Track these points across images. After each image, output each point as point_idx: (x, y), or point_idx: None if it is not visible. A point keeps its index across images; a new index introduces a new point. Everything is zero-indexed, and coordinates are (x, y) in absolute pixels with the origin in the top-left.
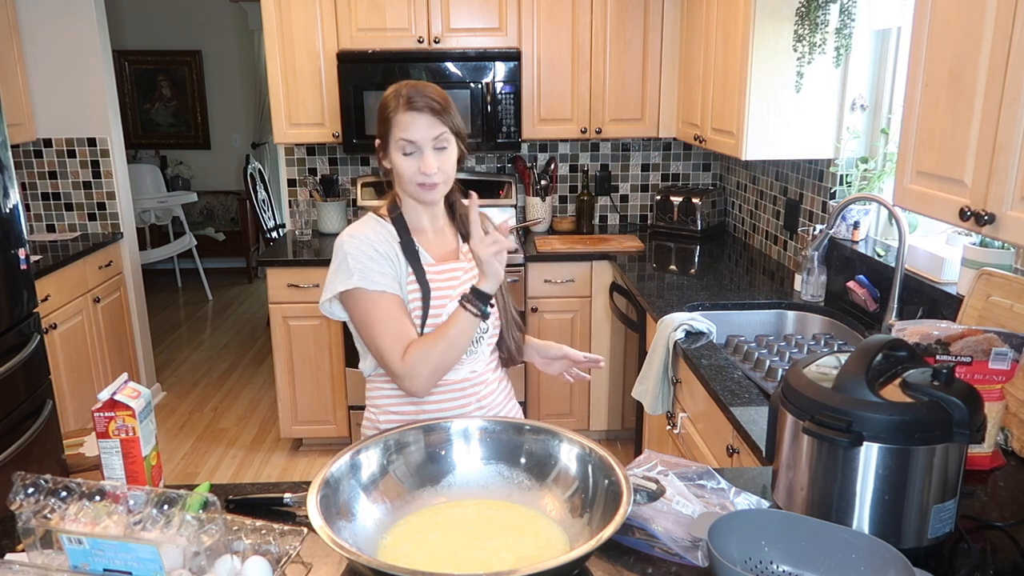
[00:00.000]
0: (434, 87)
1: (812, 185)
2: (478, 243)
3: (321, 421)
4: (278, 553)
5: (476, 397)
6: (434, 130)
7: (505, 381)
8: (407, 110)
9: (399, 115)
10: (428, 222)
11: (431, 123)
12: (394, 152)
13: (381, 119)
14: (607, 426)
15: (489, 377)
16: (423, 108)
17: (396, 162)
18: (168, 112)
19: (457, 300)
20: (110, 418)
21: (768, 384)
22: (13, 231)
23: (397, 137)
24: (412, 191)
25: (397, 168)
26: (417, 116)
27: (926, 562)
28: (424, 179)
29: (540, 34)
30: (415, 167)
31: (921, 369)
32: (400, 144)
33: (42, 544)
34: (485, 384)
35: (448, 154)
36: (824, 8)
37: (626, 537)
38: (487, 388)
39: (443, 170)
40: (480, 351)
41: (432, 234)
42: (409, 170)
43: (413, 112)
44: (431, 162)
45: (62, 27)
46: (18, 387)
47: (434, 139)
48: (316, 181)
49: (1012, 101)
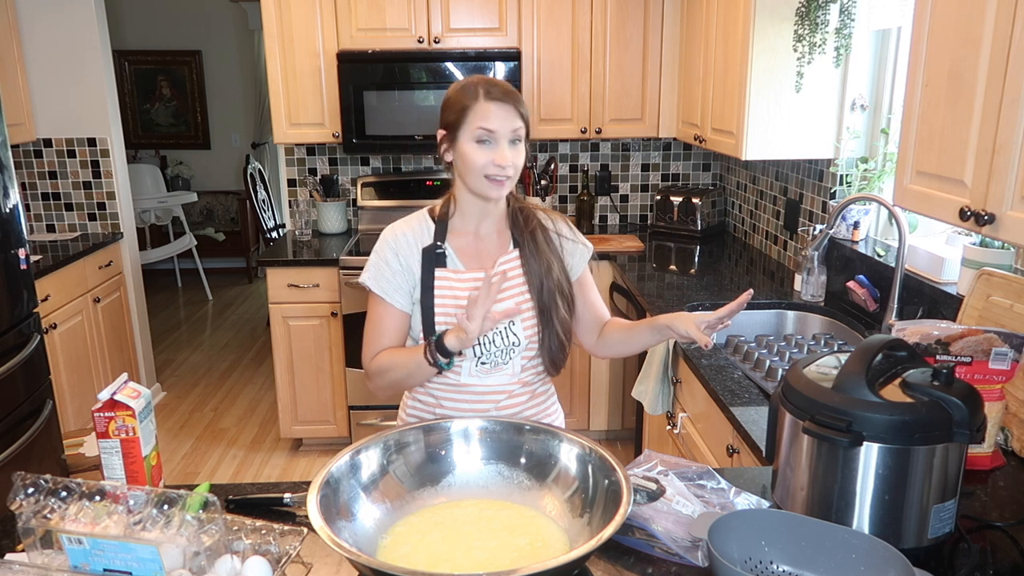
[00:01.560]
0: (505, 83)
1: (812, 185)
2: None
3: (321, 421)
4: (278, 553)
5: (496, 406)
6: (513, 122)
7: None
8: (488, 99)
9: (479, 103)
10: (480, 225)
11: (511, 114)
12: (466, 142)
13: (454, 109)
14: (607, 426)
15: (516, 389)
16: (504, 98)
17: (467, 152)
18: (168, 112)
19: None
20: (110, 418)
21: (768, 384)
22: (13, 231)
23: (475, 126)
24: (479, 185)
25: (468, 158)
26: (498, 106)
27: (926, 562)
28: (497, 171)
29: (540, 34)
30: (489, 157)
31: (921, 369)
32: (477, 133)
33: (42, 544)
34: (509, 395)
35: (520, 150)
36: (824, 8)
37: (626, 537)
38: (510, 400)
39: (515, 165)
40: (510, 365)
41: (476, 239)
42: (482, 160)
43: (494, 102)
44: (507, 153)
45: (62, 27)
46: (18, 387)
47: (512, 131)
48: (316, 181)
49: (1012, 101)
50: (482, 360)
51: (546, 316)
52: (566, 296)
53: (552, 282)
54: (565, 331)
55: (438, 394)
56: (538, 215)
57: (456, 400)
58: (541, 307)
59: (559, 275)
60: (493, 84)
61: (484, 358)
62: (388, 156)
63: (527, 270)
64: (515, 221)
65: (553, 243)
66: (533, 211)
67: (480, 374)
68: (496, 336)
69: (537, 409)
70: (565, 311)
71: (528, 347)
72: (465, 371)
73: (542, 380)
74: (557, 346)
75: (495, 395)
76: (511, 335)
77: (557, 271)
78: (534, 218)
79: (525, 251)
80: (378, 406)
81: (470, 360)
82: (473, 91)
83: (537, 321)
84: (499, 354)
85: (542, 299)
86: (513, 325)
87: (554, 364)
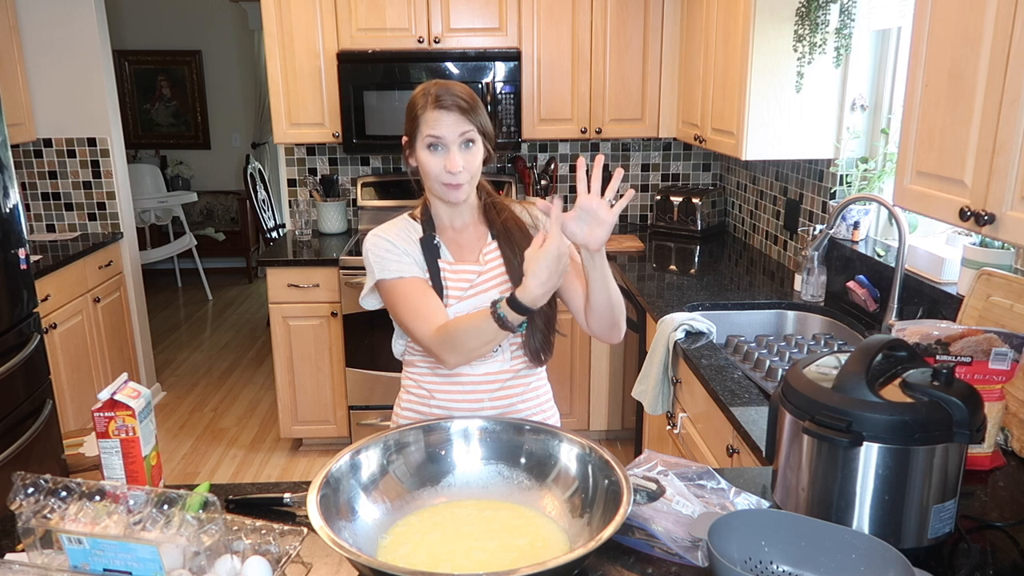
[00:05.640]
0: (462, 86)
1: (812, 185)
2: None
3: (321, 421)
4: (278, 553)
5: (489, 396)
6: (460, 127)
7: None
8: (435, 108)
9: (427, 113)
10: (453, 220)
11: (458, 120)
12: (420, 149)
13: (409, 117)
14: (607, 426)
15: (509, 379)
16: (451, 106)
17: (422, 159)
18: (168, 112)
19: (463, 302)
20: (110, 418)
21: (768, 384)
22: (13, 231)
23: (425, 133)
24: (438, 190)
25: (423, 165)
26: (444, 114)
27: (926, 562)
28: (449, 178)
29: (540, 34)
30: (441, 165)
31: (921, 369)
32: (427, 140)
33: (42, 544)
34: (501, 385)
35: (474, 152)
36: (824, 8)
37: (626, 537)
38: (503, 390)
39: (468, 169)
40: (500, 353)
41: (455, 233)
42: (435, 168)
43: (441, 110)
44: (456, 160)
45: (62, 27)
46: (18, 387)
47: (460, 135)
48: (316, 181)
49: (1012, 101)
50: None
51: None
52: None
53: None
54: (547, 322)
55: (430, 387)
56: (512, 207)
57: (448, 392)
58: None
59: None
60: (446, 90)
61: None
62: (388, 156)
63: (506, 261)
64: (488, 215)
65: (529, 237)
66: (505, 204)
67: (471, 363)
68: None
69: (530, 403)
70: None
71: (516, 335)
72: None
73: (537, 376)
74: (540, 338)
75: (487, 384)
76: None
77: None
78: (506, 210)
79: (501, 244)
80: (378, 406)
81: None
82: (423, 100)
83: None
84: None
85: None
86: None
87: (535, 356)
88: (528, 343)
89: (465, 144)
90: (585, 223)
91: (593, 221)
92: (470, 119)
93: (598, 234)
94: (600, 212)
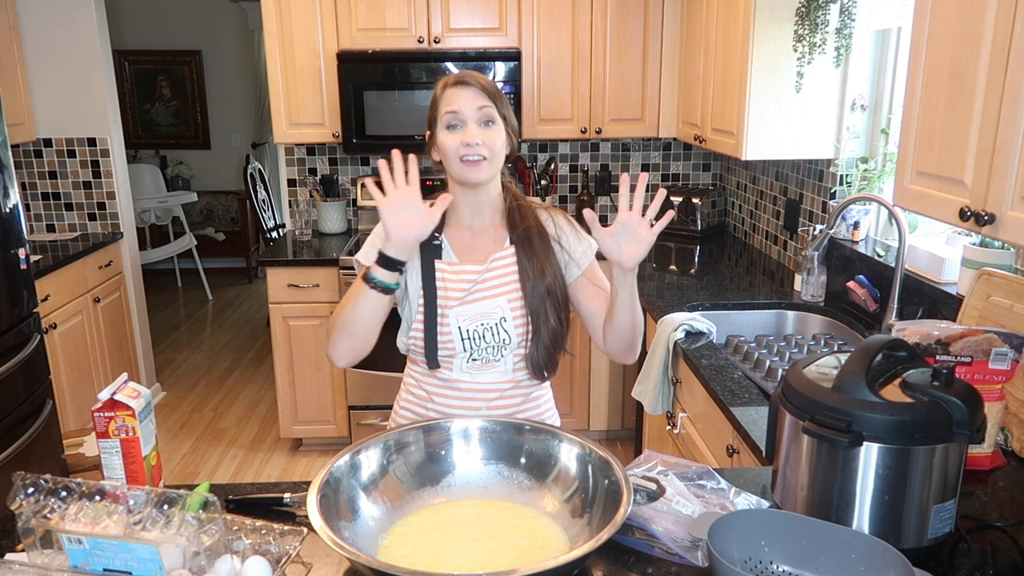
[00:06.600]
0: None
1: (812, 185)
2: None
3: (321, 421)
4: (278, 553)
5: (487, 405)
6: (477, 100)
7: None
8: (454, 86)
9: (444, 92)
10: (474, 220)
11: (476, 95)
12: (440, 132)
13: (431, 107)
14: (607, 426)
15: (509, 389)
16: (470, 83)
17: (442, 141)
18: (168, 112)
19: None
20: (110, 418)
21: (768, 384)
22: (13, 231)
23: (443, 113)
24: (456, 170)
25: (443, 147)
26: (462, 88)
27: (926, 562)
28: (467, 151)
29: (540, 34)
30: (459, 140)
31: (921, 369)
32: (446, 119)
33: (42, 544)
34: (501, 395)
35: (495, 131)
36: (824, 8)
37: (626, 537)
38: (502, 400)
39: (487, 144)
40: (502, 363)
41: (472, 234)
42: (453, 144)
43: (459, 86)
44: (474, 131)
45: (62, 27)
46: (18, 387)
47: (478, 109)
48: (316, 181)
49: (1012, 101)
50: (473, 356)
51: (535, 320)
52: (557, 302)
53: (543, 287)
54: (553, 339)
55: (429, 389)
56: (538, 214)
57: (446, 396)
58: (531, 309)
59: (552, 281)
60: (465, 72)
61: (475, 355)
62: (388, 156)
63: (521, 269)
64: (511, 219)
65: (550, 248)
66: (532, 209)
67: (471, 371)
68: (487, 333)
69: (529, 414)
70: (555, 320)
71: (520, 345)
72: (456, 367)
73: (537, 385)
74: (544, 354)
75: (486, 393)
76: (502, 332)
77: (550, 276)
78: (530, 217)
79: (520, 251)
80: (378, 406)
81: (461, 356)
82: (443, 84)
83: (528, 321)
84: (490, 351)
85: (532, 301)
86: (505, 322)
87: (538, 371)
88: (531, 356)
89: (485, 122)
90: (623, 240)
91: (632, 239)
92: (489, 97)
93: (635, 252)
94: (640, 230)
